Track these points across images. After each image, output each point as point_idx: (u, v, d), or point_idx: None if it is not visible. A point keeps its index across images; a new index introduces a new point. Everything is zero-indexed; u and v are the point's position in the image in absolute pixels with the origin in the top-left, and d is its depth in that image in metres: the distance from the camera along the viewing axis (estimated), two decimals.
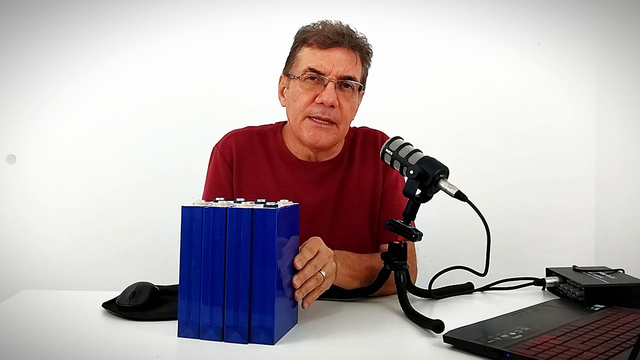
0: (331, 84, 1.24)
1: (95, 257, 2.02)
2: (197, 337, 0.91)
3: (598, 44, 2.08)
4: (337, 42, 1.24)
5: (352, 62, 1.26)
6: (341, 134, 1.31)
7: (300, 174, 1.34)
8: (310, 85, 1.26)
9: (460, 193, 1.07)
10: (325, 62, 1.24)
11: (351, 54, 1.26)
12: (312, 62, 1.25)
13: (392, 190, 1.36)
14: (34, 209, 2.02)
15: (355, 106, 1.32)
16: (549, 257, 2.02)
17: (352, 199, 1.34)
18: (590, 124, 2.11)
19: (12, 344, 0.89)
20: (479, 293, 1.26)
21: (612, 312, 1.04)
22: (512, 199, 2.08)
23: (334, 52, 1.25)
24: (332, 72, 1.24)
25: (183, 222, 0.92)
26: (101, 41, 2.02)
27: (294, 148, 1.36)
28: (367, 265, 1.19)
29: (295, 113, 1.28)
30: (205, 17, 2.03)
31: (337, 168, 1.36)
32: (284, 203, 0.96)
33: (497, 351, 0.81)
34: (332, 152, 1.36)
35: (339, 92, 1.25)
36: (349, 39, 1.25)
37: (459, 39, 2.07)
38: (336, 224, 1.32)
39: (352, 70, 1.26)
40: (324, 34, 1.25)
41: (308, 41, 1.27)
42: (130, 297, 1.06)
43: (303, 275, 0.97)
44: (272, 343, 0.89)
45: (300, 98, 1.26)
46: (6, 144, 2.02)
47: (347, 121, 1.30)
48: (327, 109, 1.24)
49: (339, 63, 1.24)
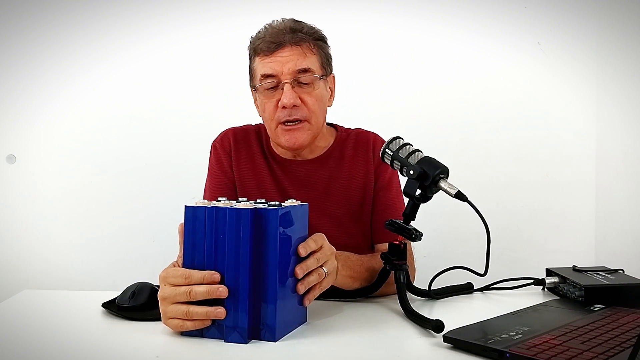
0: (287, 85, 1.26)
1: (95, 257, 2.02)
2: (200, 335, 0.91)
3: (598, 44, 2.08)
4: (279, 43, 1.27)
5: (301, 56, 1.27)
6: (316, 128, 1.32)
7: (288, 172, 1.37)
8: (270, 92, 1.29)
9: (460, 193, 1.07)
10: (274, 65, 1.26)
11: (297, 48, 1.27)
12: (263, 69, 1.28)
13: (386, 190, 1.37)
14: (34, 209, 2.02)
15: (322, 96, 1.33)
16: (549, 257, 2.02)
17: (339, 198, 1.36)
18: (590, 123, 2.11)
19: (12, 344, 0.89)
20: (478, 293, 1.26)
21: (612, 312, 1.04)
22: (512, 199, 2.08)
23: (280, 53, 1.27)
24: (284, 72, 1.26)
25: (186, 221, 0.92)
26: (101, 41, 2.02)
27: (277, 151, 1.40)
28: (367, 266, 1.19)
29: (267, 123, 1.33)
30: (205, 17, 2.03)
31: (324, 166, 1.38)
32: (291, 202, 0.97)
33: (497, 351, 0.81)
34: (317, 148, 1.38)
35: (299, 90, 1.28)
36: (289, 37, 1.27)
37: (459, 39, 2.07)
38: (322, 222, 1.32)
39: (304, 62, 1.27)
40: (267, 39, 1.28)
41: (257, 50, 1.30)
42: (130, 297, 1.06)
43: (306, 266, 0.95)
44: (274, 340, 0.90)
45: (266, 107, 1.30)
46: (6, 144, 2.02)
47: (317, 114, 1.31)
48: (291, 110, 1.27)
49: (287, 61, 1.26)
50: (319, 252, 0.99)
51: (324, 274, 1.00)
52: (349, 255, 1.17)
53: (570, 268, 1.26)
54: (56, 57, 2.01)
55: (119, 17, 2.02)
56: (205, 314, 0.89)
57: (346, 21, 2.03)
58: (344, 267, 1.12)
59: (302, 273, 0.95)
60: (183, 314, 0.89)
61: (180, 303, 0.89)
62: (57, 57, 2.01)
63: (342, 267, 1.11)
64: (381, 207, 1.36)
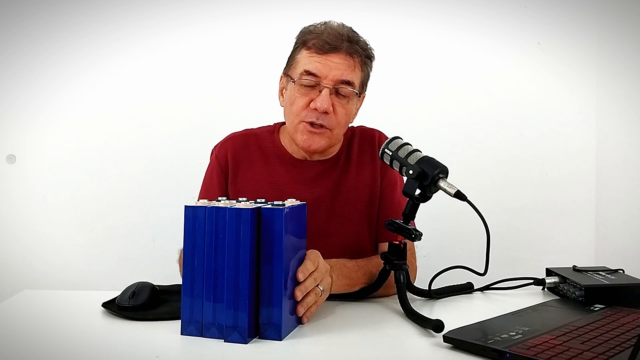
0: (326, 90, 1.24)
1: (95, 257, 2.02)
2: (200, 335, 0.91)
3: (598, 44, 2.08)
4: (335, 47, 1.24)
5: (349, 67, 1.25)
6: (335, 139, 1.32)
7: (296, 172, 1.35)
8: (306, 90, 1.26)
9: (460, 193, 1.07)
10: (322, 67, 1.24)
11: (349, 59, 1.25)
12: (308, 65, 1.25)
13: (391, 189, 1.36)
14: (33, 209, 2.02)
15: (352, 112, 1.32)
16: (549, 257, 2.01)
17: (349, 197, 1.35)
18: (590, 123, 2.11)
19: (12, 344, 0.89)
20: (478, 293, 1.26)
21: (612, 312, 1.04)
22: (512, 198, 2.08)
23: (332, 57, 1.24)
24: (329, 76, 1.24)
25: (186, 221, 0.92)
26: (101, 41, 2.02)
27: (290, 148, 1.37)
28: (364, 271, 1.19)
29: (291, 116, 1.30)
30: (205, 17, 2.03)
31: (334, 167, 1.37)
32: (291, 202, 0.97)
33: (497, 351, 0.81)
34: (329, 152, 1.37)
35: (335, 99, 1.26)
36: (347, 45, 1.24)
37: (459, 39, 2.07)
38: (333, 222, 1.32)
39: (350, 75, 1.25)
40: (323, 38, 1.25)
41: (307, 44, 1.27)
42: (130, 297, 1.06)
43: (304, 287, 0.97)
44: (280, 339, 0.90)
45: (296, 102, 1.27)
46: (6, 144, 2.02)
47: (341, 126, 1.30)
48: (321, 115, 1.25)
49: (335, 68, 1.24)
50: (316, 272, 1.00)
51: (320, 293, 1.02)
52: (344, 263, 1.17)
53: (570, 268, 1.26)
54: (56, 57, 2.01)
55: (119, 17, 2.02)
56: None
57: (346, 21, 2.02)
58: (339, 276, 1.12)
59: (301, 295, 0.97)
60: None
61: None
62: (57, 57, 2.01)
63: (338, 276, 1.11)
64: (387, 205, 1.35)
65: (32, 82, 2.01)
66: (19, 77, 2.01)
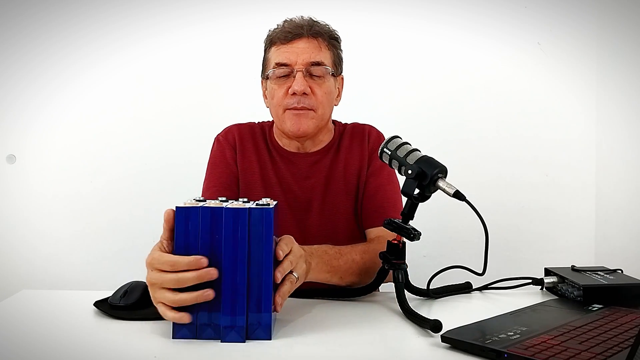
0: (299, 73, 1.30)
1: (95, 256, 2.03)
2: (194, 337, 0.90)
3: (598, 44, 2.08)
4: (297, 34, 1.31)
5: (316, 49, 1.32)
6: (321, 119, 1.35)
7: (292, 165, 1.40)
8: (282, 80, 1.32)
9: (459, 192, 1.07)
10: (289, 54, 1.31)
11: (313, 41, 1.32)
12: (277, 58, 1.32)
13: (376, 176, 1.39)
14: (33, 208, 2.02)
15: (331, 90, 1.36)
16: (548, 257, 2.02)
17: (339, 187, 1.38)
18: (590, 123, 2.11)
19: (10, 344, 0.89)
20: (477, 293, 1.26)
21: (610, 312, 1.04)
22: (512, 198, 2.08)
23: (297, 43, 1.31)
24: (298, 61, 1.30)
25: (178, 223, 0.90)
26: (101, 41, 2.03)
27: (281, 142, 1.42)
28: (346, 259, 1.17)
29: (275, 109, 1.35)
30: (205, 17, 2.04)
31: (325, 158, 1.41)
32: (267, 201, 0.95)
33: (495, 351, 0.81)
34: (320, 142, 1.41)
35: (310, 81, 1.31)
36: (308, 29, 1.32)
37: (459, 39, 2.08)
38: (325, 212, 1.36)
39: (318, 56, 1.32)
40: (285, 29, 1.32)
41: (273, 41, 1.34)
42: (121, 297, 1.06)
43: (283, 269, 0.94)
44: (270, 338, 0.90)
45: (276, 94, 1.33)
46: (6, 144, 2.03)
47: (324, 105, 1.34)
48: (300, 98, 1.30)
49: (302, 52, 1.31)
50: (291, 255, 0.97)
51: (295, 280, 0.98)
52: (326, 250, 1.15)
53: (569, 268, 1.26)
54: (55, 57, 2.01)
55: (119, 17, 2.03)
56: (195, 299, 0.87)
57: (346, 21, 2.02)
58: (319, 263, 1.10)
59: (281, 276, 0.93)
60: (172, 302, 0.88)
61: (168, 290, 0.88)
62: (57, 57, 2.01)
63: (318, 263, 1.09)
64: (370, 191, 1.37)
65: (32, 82, 2.02)
66: (19, 77, 2.02)
